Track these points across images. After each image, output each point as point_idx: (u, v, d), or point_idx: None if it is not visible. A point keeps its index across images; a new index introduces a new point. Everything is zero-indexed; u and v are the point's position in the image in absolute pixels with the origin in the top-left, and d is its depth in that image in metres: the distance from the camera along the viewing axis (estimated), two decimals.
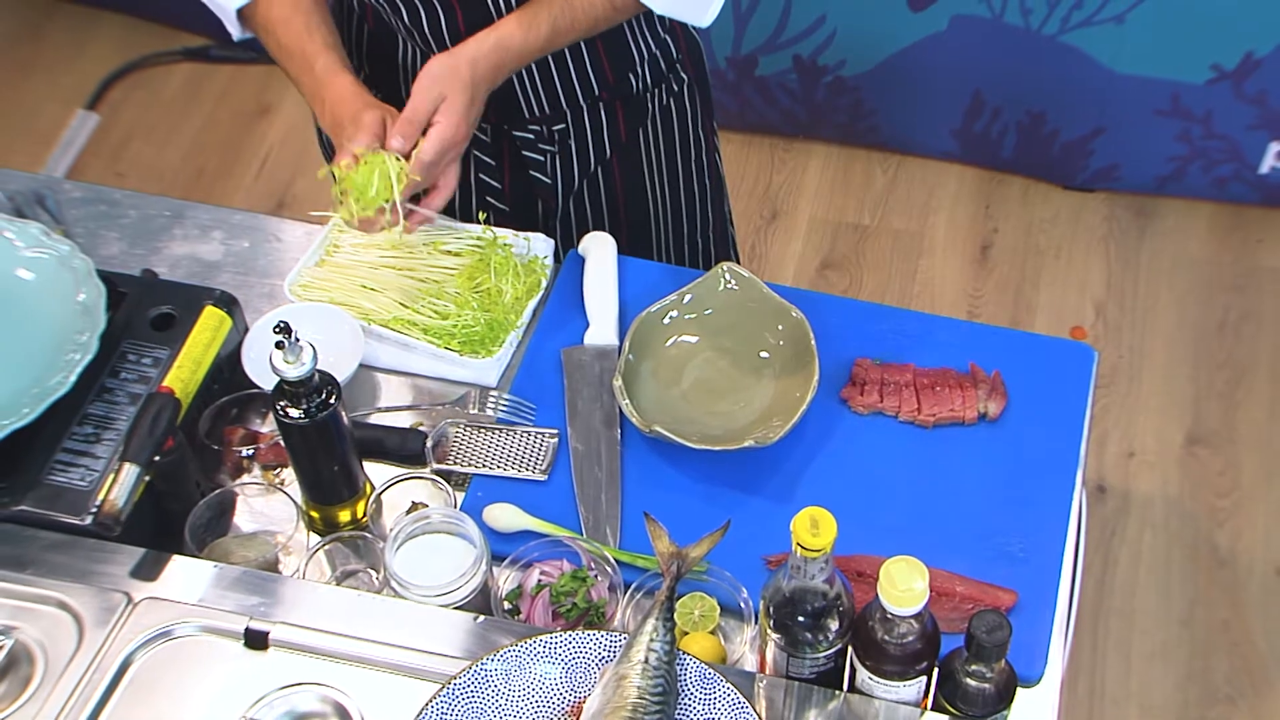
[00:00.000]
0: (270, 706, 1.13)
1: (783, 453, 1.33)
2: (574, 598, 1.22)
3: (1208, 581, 2.24)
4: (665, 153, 1.60)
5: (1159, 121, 2.57)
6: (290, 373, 1.18)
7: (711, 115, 1.65)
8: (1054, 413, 1.37)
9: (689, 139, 1.61)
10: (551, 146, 1.53)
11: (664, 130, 1.58)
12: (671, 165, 1.61)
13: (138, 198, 1.60)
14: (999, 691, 1.09)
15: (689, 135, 1.61)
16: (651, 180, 1.59)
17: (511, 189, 1.56)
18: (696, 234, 1.69)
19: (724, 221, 1.74)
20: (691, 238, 1.69)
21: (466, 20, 1.39)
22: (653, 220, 1.63)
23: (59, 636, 1.17)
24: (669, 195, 1.63)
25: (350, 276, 1.46)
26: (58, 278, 1.34)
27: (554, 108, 1.49)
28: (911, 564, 1.03)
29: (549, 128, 1.51)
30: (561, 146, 1.53)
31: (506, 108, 1.47)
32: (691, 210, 1.67)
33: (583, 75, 1.47)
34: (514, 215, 1.57)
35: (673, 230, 1.66)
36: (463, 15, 1.39)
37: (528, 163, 1.53)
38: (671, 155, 1.60)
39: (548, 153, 1.53)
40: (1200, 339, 2.54)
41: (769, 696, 1.14)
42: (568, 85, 1.48)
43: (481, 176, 1.56)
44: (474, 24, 1.38)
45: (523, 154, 1.53)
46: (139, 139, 2.93)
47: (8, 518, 1.23)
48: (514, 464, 1.34)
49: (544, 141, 1.52)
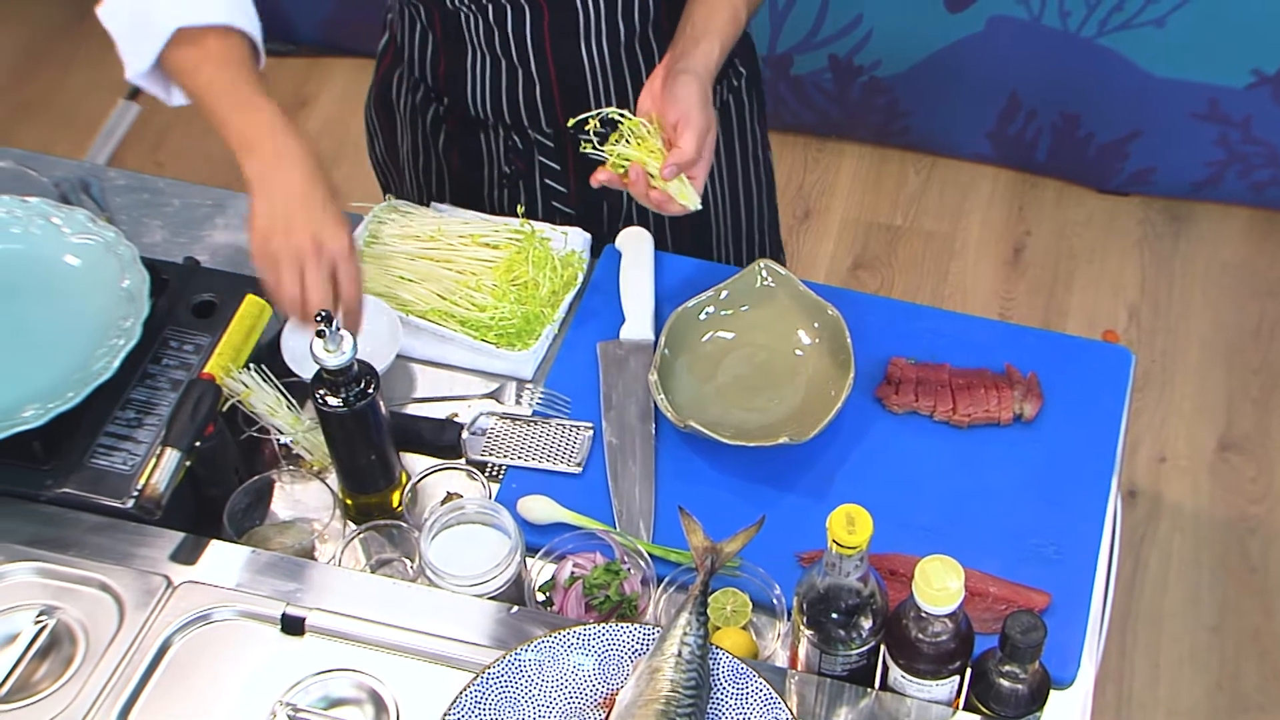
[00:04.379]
0: (306, 691, 1.14)
1: (817, 450, 1.33)
2: (607, 590, 1.23)
3: (1238, 588, 2.23)
4: (725, 150, 1.59)
5: (1196, 125, 2.55)
6: (330, 361, 1.19)
7: (764, 112, 1.64)
8: (1090, 415, 1.37)
9: (745, 135, 1.61)
10: None
11: (723, 128, 1.56)
12: (731, 162, 1.60)
13: (181, 186, 1.62)
14: (1032, 693, 1.09)
15: (745, 132, 1.60)
16: (712, 178, 1.57)
17: (577, 193, 1.55)
18: (754, 231, 1.68)
19: (775, 219, 1.73)
20: (749, 235, 1.68)
21: (554, 26, 1.37)
22: (713, 219, 1.62)
23: (100, 617, 1.18)
24: (728, 193, 1.62)
25: (389, 267, 1.47)
26: (103, 264, 1.36)
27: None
28: (947, 563, 1.03)
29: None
30: None
31: (574, 111, 1.45)
32: (750, 208, 1.66)
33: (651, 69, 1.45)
34: (579, 219, 1.55)
35: (731, 228, 1.65)
36: (549, 18, 1.38)
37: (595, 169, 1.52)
38: (730, 152, 1.60)
39: None
40: (1234, 344, 2.53)
41: (801, 693, 1.14)
42: (638, 87, 1.45)
43: (547, 181, 1.55)
44: (560, 30, 1.36)
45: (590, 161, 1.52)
46: (179, 129, 2.96)
47: (51, 500, 1.25)
48: (549, 456, 1.35)
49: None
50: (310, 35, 3.03)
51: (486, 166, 1.56)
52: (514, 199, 1.57)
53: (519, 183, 1.56)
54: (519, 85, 1.46)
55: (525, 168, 1.55)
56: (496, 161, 1.56)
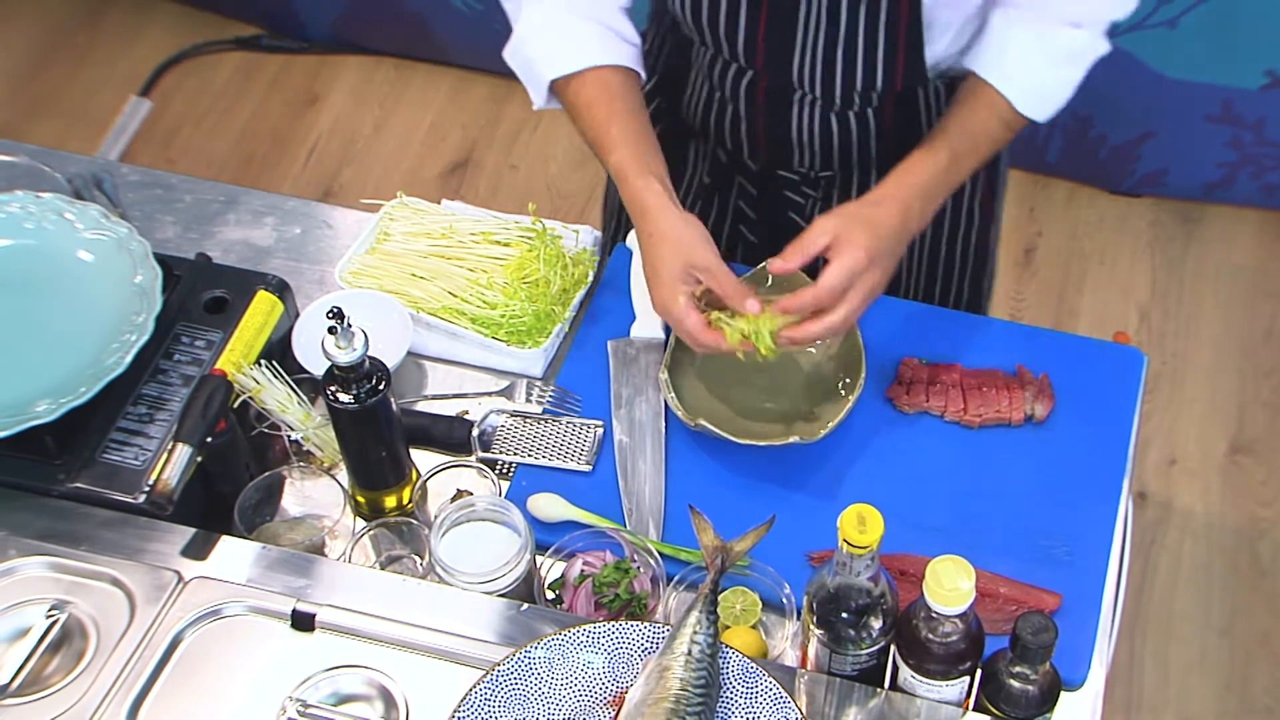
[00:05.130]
0: (316, 687, 1.15)
1: (828, 450, 1.33)
2: (616, 589, 1.23)
3: (1248, 591, 2.22)
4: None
5: (1209, 127, 2.54)
6: (342, 358, 1.19)
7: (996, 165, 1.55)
8: (1102, 416, 1.36)
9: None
10: (815, 192, 1.49)
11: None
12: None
13: (192, 182, 1.62)
14: (1042, 694, 1.08)
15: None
16: None
17: (767, 222, 1.53)
18: (953, 272, 1.58)
19: (983, 261, 1.60)
20: (946, 276, 1.58)
21: (768, 89, 1.35)
22: (908, 255, 1.53)
23: (111, 612, 1.19)
24: (930, 235, 1.53)
25: (400, 264, 1.48)
26: (116, 260, 1.36)
27: (825, 163, 1.45)
28: (958, 563, 1.03)
29: (817, 173, 1.47)
30: (825, 194, 1.49)
31: (780, 152, 1.44)
32: (952, 249, 1.55)
33: (863, 135, 1.42)
34: (762, 247, 1.52)
35: (927, 267, 1.56)
36: (765, 83, 1.35)
37: (788, 203, 1.50)
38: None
39: (810, 197, 1.49)
40: (1245, 347, 2.52)
41: (810, 692, 1.14)
42: (845, 145, 1.42)
43: (740, 204, 1.54)
44: (775, 46, 1.33)
45: (785, 193, 1.50)
46: (190, 126, 2.97)
47: (63, 494, 1.25)
48: (559, 454, 1.35)
49: (809, 185, 1.48)
50: (322, 33, 3.03)
51: (689, 172, 1.56)
52: (704, 213, 1.56)
53: (714, 196, 1.56)
54: (727, 116, 1.45)
55: (723, 183, 1.54)
56: (699, 170, 1.55)
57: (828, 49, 1.32)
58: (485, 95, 2.96)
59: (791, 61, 1.34)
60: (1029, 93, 1.33)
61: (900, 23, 1.29)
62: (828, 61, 1.33)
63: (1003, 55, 1.32)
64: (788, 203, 1.50)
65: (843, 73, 1.33)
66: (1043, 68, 1.32)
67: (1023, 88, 1.32)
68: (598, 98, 1.33)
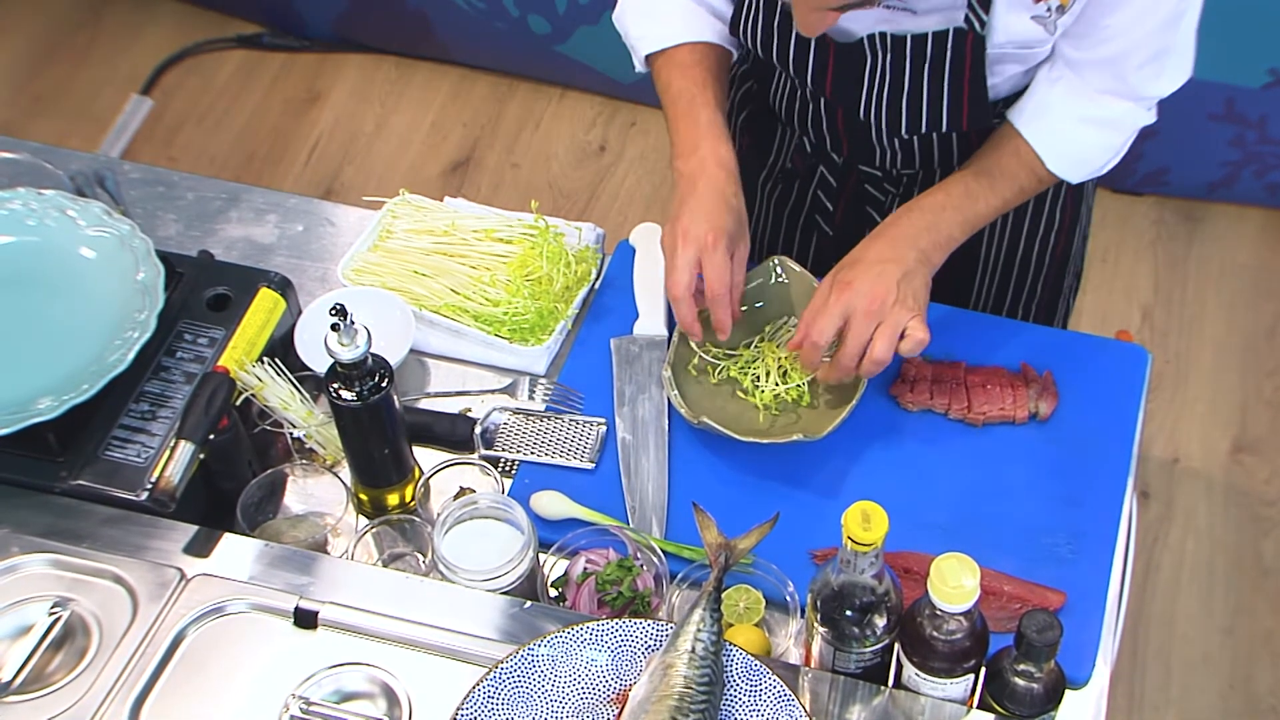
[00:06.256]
0: (318, 685, 1.14)
1: (831, 448, 1.33)
2: (619, 586, 1.23)
3: (1252, 590, 2.22)
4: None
5: (1211, 126, 2.54)
6: (345, 355, 1.19)
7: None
8: (1106, 414, 1.36)
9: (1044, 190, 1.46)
10: (895, 189, 1.49)
11: None
12: (1017, 211, 1.48)
13: (194, 180, 1.62)
14: (1047, 692, 1.08)
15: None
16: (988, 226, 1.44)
17: (844, 216, 1.54)
18: (1025, 283, 1.57)
19: (1060, 275, 1.59)
20: (1018, 286, 1.57)
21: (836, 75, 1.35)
22: (980, 264, 1.55)
23: (114, 609, 1.19)
24: (1006, 242, 1.53)
25: (403, 262, 1.47)
26: (118, 257, 1.36)
27: (908, 163, 1.46)
28: (963, 561, 1.02)
29: (898, 170, 1.48)
30: (905, 192, 1.49)
31: (863, 149, 1.45)
32: (1026, 259, 1.55)
33: (945, 142, 1.43)
34: (837, 241, 1.53)
35: (999, 277, 1.56)
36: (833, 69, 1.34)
37: (867, 197, 1.50)
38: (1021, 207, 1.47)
39: (890, 193, 1.50)
40: (1249, 346, 2.52)
41: (814, 690, 1.14)
42: (927, 149, 1.43)
43: (819, 193, 1.54)
44: (843, 86, 1.35)
45: (865, 187, 1.50)
46: (191, 124, 2.97)
47: (65, 492, 1.25)
48: (562, 452, 1.35)
49: (889, 182, 1.49)
50: (323, 31, 3.03)
51: (773, 155, 1.56)
52: (784, 197, 1.57)
53: (794, 183, 1.56)
54: (809, 113, 1.46)
55: (805, 171, 1.54)
56: (784, 155, 1.55)
57: (893, 96, 1.33)
58: (487, 93, 2.95)
59: (859, 101, 1.36)
60: (1065, 156, 1.34)
61: (965, 74, 1.29)
62: (893, 106, 1.34)
63: (1043, 113, 1.32)
64: (867, 197, 1.51)
65: (908, 118, 1.35)
66: (1083, 133, 1.33)
67: (1060, 151, 1.33)
68: (683, 70, 1.38)
